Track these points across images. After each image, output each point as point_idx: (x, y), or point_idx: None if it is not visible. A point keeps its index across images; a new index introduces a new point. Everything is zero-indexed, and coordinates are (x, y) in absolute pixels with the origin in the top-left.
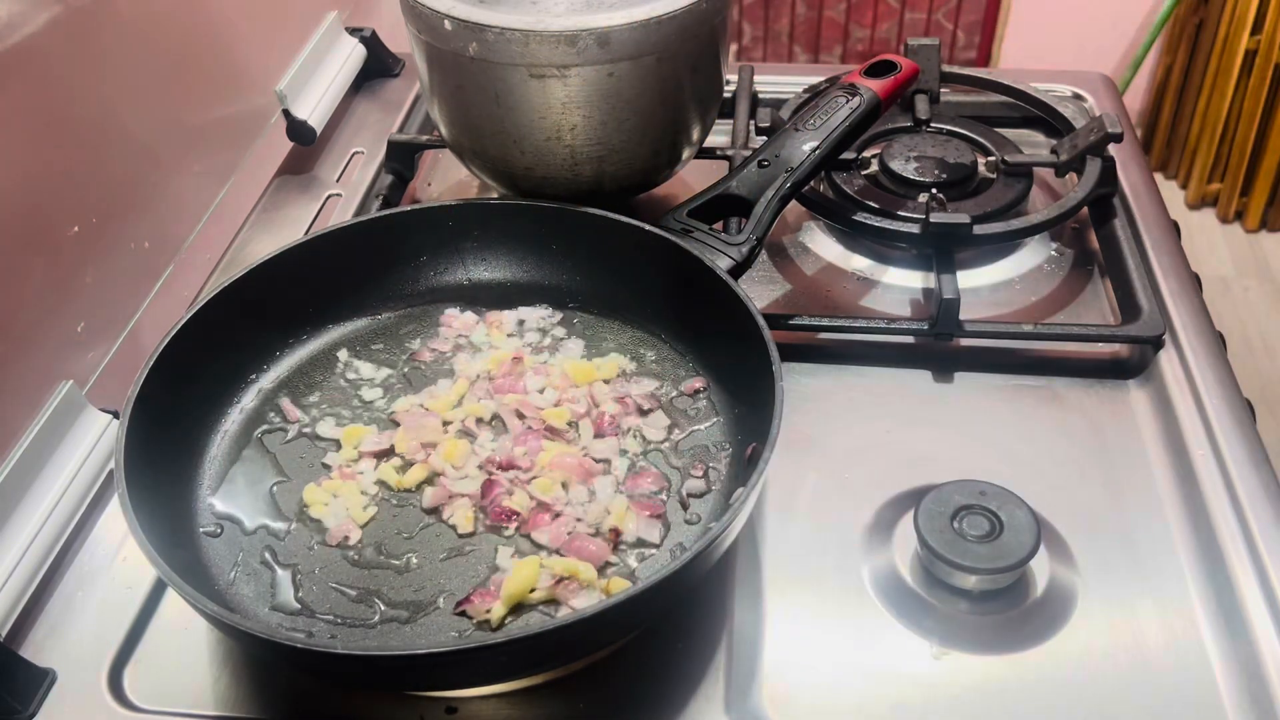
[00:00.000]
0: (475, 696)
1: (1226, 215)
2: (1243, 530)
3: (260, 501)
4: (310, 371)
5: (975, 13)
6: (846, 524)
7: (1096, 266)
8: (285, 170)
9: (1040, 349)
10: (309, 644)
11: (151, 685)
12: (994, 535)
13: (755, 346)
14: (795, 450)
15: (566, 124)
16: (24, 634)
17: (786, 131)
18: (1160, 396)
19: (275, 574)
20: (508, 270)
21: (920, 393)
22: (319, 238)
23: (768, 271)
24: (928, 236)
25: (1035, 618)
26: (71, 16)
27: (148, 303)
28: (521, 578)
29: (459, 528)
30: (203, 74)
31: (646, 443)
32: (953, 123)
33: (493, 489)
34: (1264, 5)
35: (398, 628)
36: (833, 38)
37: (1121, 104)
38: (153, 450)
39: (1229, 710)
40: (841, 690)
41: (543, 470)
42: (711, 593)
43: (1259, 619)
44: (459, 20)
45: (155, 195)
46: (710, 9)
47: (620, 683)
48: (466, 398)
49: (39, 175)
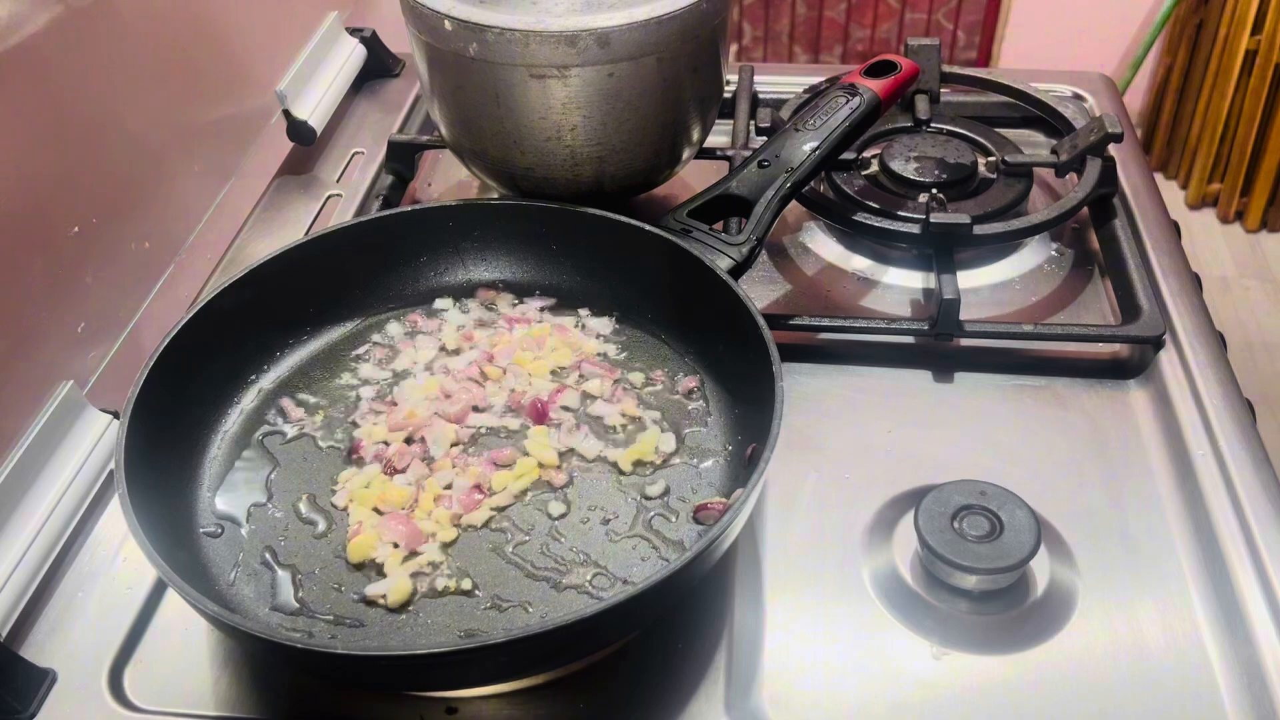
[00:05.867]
0: (475, 696)
1: (1226, 215)
2: (1243, 530)
3: (260, 501)
4: (310, 371)
5: (975, 13)
6: (846, 524)
7: (1097, 266)
8: (285, 170)
9: (1040, 349)
10: (309, 644)
11: (151, 685)
12: (994, 535)
13: (755, 346)
14: (795, 450)
15: (566, 124)
16: (24, 634)
17: (786, 132)
18: (1160, 396)
19: (275, 574)
20: (508, 270)
21: (920, 393)
22: (319, 238)
23: (768, 271)
24: (928, 236)
25: (1035, 618)
26: (71, 16)
27: (148, 303)
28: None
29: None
30: (203, 74)
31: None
32: (953, 123)
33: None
34: (1264, 5)
35: (398, 628)
36: (833, 38)
37: (1121, 104)
38: (153, 450)
39: (1229, 710)
40: (841, 690)
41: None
42: (711, 593)
43: (1259, 619)
44: (459, 20)
45: (155, 195)
46: (710, 9)
47: (620, 683)
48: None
49: (39, 175)
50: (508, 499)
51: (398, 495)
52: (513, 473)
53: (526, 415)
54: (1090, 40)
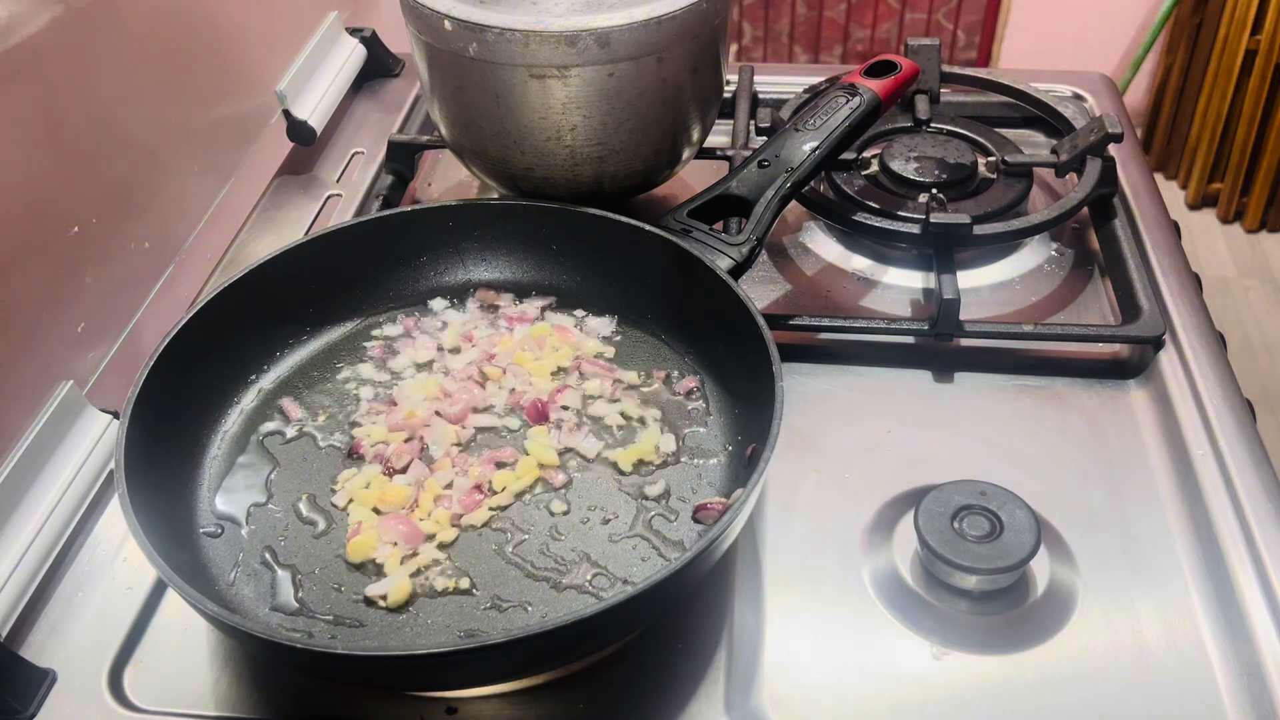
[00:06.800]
0: (475, 696)
1: (1226, 215)
2: (1243, 530)
3: (260, 501)
4: (310, 371)
5: (975, 13)
6: (846, 524)
7: (1096, 266)
8: (285, 170)
9: (1040, 349)
10: (309, 644)
11: (151, 685)
12: (994, 535)
13: (755, 346)
14: (795, 450)
15: (566, 124)
16: (24, 634)
17: (787, 132)
18: (1160, 396)
19: (275, 574)
20: (508, 270)
21: (920, 393)
22: (319, 238)
23: (768, 271)
24: (928, 236)
25: (1035, 618)
26: (71, 17)
27: (148, 303)
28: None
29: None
30: (203, 74)
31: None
32: (953, 123)
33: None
34: (1264, 5)
35: (398, 628)
36: (833, 38)
37: (1121, 104)
38: (153, 450)
39: (1229, 710)
40: (841, 690)
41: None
42: (711, 593)
43: (1259, 619)
44: (459, 20)
45: (155, 195)
46: (710, 9)
47: (620, 683)
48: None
49: (39, 175)
50: (508, 499)
51: (398, 495)
52: (513, 473)
53: (526, 415)
54: (1090, 40)
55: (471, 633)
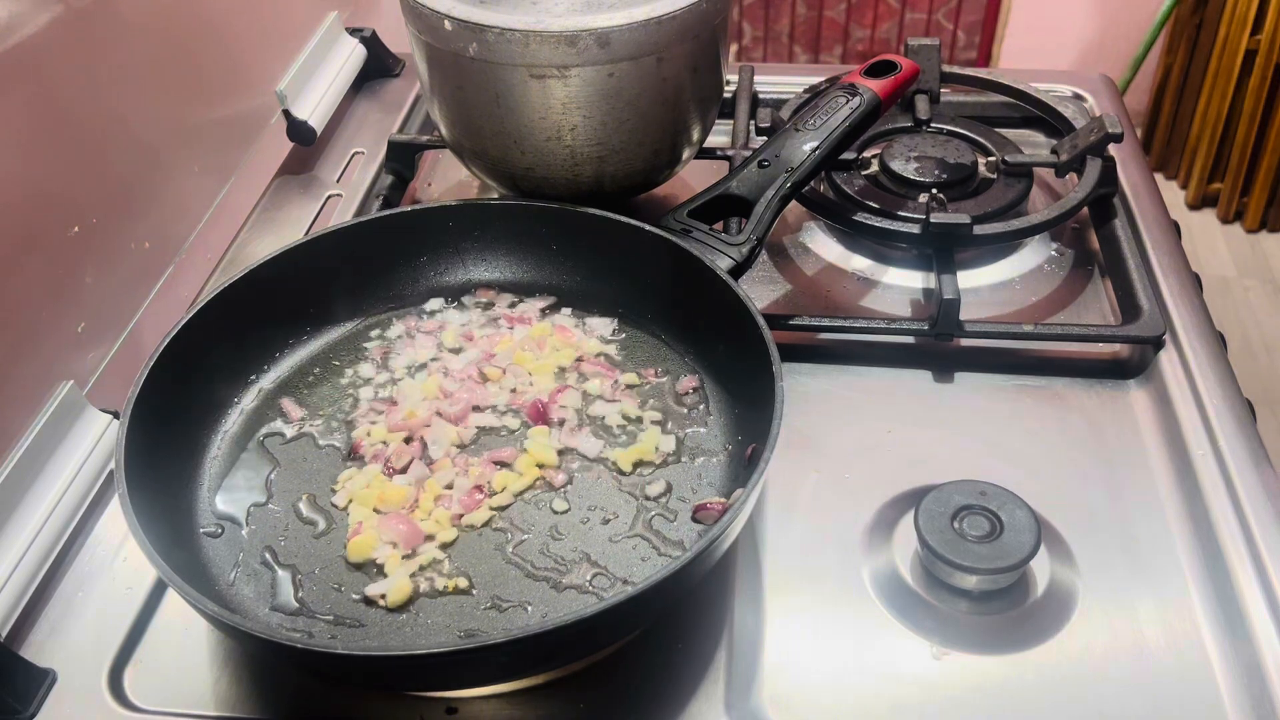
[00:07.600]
0: (475, 696)
1: (1226, 215)
2: (1243, 530)
3: (260, 501)
4: (310, 371)
5: (975, 13)
6: (846, 524)
7: (1097, 266)
8: (285, 170)
9: (1040, 349)
10: (309, 644)
11: (151, 685)
12: (994, 535)
13: (755, 346)
14: (795, 450)
15: (566, 124)
16: (24, 634)
17: (787, 131)
18: (1160, 396)
19: (275, 574)
20: (508, 270)
21: (920, 393)
22: (319, 238)
23: (768, 271)
24: (928, 236)
25: (1035, 618)
26: (71, 16)
27: (148, 303)
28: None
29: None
30: (203, 74)
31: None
32: (953, 123)
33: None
34: (1264, 5)
35: (398, 628)
36: (833, 38)
37: (1121, 104)
38: (153, 450)
39: (1229, 710)
40: (841, 690)
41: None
42: (711, 593)
43: (1259, 619)
44: (459, 20)
45: (155, 195)
46: (710, 9)
47: (620, 683)
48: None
49: (39, 175)
50: (508, 499)
51: (398, 495)
52: (513, 472)
53: (527, 415)
54: (1090, 40)
55: (471, 633)
